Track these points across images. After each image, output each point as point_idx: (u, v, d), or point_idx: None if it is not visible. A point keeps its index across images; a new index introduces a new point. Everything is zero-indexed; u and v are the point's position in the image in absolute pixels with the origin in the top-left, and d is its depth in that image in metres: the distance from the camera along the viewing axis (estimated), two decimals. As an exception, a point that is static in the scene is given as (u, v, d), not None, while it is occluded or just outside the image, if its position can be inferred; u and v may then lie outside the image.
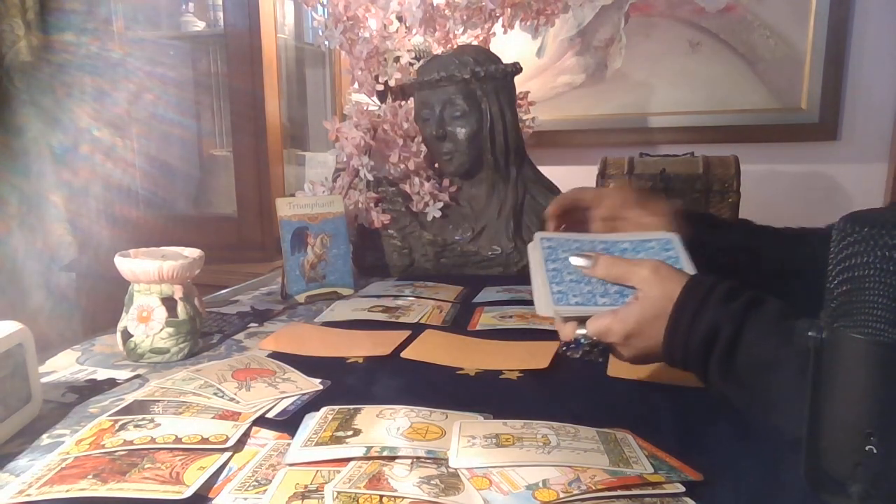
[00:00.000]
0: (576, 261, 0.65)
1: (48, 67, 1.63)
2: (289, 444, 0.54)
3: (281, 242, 1.08)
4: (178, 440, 0.54)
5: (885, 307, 0.38)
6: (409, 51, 1.33)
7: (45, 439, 0.57)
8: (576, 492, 0.45)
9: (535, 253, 0.69)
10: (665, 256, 0.65)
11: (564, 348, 0.65)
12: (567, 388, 0.69)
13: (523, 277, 1.20)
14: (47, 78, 1.62)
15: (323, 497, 0.46)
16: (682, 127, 1.81)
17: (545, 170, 1.32)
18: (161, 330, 0.76)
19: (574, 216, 0.77)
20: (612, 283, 0.63)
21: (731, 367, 0.55)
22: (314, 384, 0.68)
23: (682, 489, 0.47)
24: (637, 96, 1.85)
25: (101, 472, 0.49)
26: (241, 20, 1.80)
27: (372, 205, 1.22)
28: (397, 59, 1.31)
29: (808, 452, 0.43)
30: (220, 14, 1.91)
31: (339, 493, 0.46)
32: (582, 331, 0.62)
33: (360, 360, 0.77)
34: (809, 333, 0.42)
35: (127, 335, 0.77)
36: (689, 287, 0.58)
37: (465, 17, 1.31)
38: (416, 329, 0.87)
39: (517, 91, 1.32)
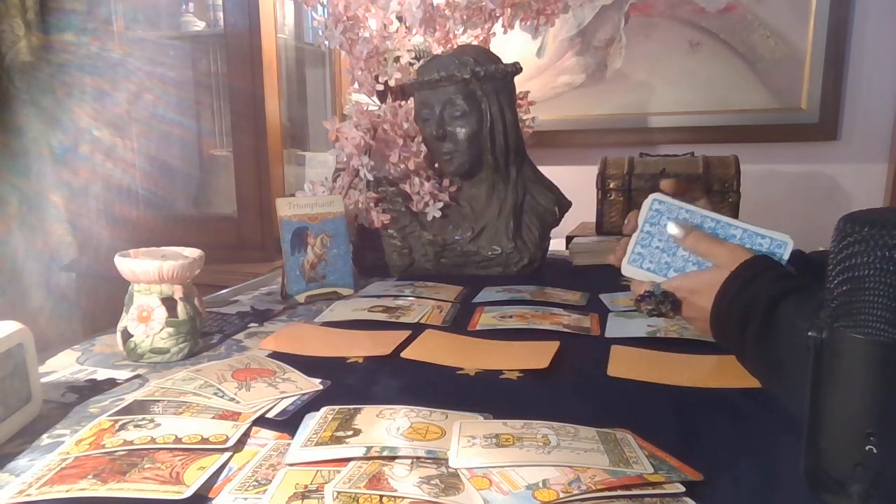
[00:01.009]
0: (672, 229, 0.69)
1: (48, 67, 1.62)
2: (289, 444, 0.54)
3: (281, 242, 1.08)
4: (178, 440, 0.54)
5: (885, 307, 0.38)
6: (409, 51, 1.33)
7: (45, 439, 0.57)
8: (576, 492, 0.45)
9: (641, 211, 0.72)
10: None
11: (638, 298, 0.71)
12: (567, 388, 0.69)
13: (523, 277, 1.21)
14: (47, 78, 1.62)
15: (323, 497, 0.46)
16: (682, 127, 1.81)
17: (545, 170, 1.32)
18: (161, 330, 0.76)
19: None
20: (697, 256, 0.67)
21: (764, 340, 0.58)
22: (314, 384, 0.68)
23: (682, 489, 0.47)
24: (637, 96, 1.85)
25: (101, 472, 0.49)
26: (241, 20, 1.80)
27: (372, 205, 1.22)
28: (397, 59, 1.31)
29: (807, 452, 0.43)
30: (220, 14, 1.91)
31: (339, 493, 0.46)
32: (655, 286, 0.69)
33: (360, 360, 0.77)
34: (809, 333, 0.42)
35: (127, 335, 0.77)
36: (747, 262, 0.62)
37: (465, 17, 1.31)
38: (416, 329, 0.87)
39: (517, 91, 1.32)
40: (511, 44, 1.79)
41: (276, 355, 0.78)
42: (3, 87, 1.55)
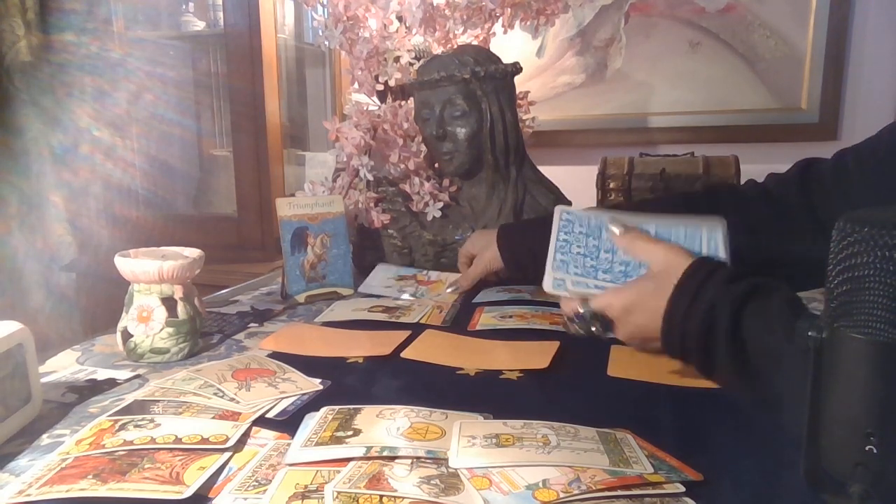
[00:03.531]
0: (613, 226, 0.66)
1: (48, 67, 1.62)
2: (289, 444, 0.54)
3: (281, 242, 1.08)
4: (178, 440, 0.54)
5: (885, 307, 0.38)
6: (409, 51, 1.33)
7: (45, 439, 0.57)
8: (576, 492, 0.45)
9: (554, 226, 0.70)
10: (706, 238, 0.64)
11: (567, 320, 0.68)
12: (567, 388, 0.69)
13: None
14: (47, 78, 1.62)
15: (323, 497, 0.46)
16: (682, 127, 1.81)
17: (545, 170, 1.32)
18: (161, 330, 0.76)
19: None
20: (629, 256, 0.64)
21: (734, 356, 0.56)
22: (314, 384, 0.68)
23: (682, 489, 0.47)
24: (637, 96, 1.84)
25: (101, 472, 0.49)
26: (241, 20, 1.80)
27: (372, 205, 1.22)
28: (397, 59, 1.31)
29: (807, 452, 0.43)
30: (220, 14, 1.91)
31: (339, 493, 0.46)
32: (585, 305, 0.65)
33: (360, 360, 0.77)
34: (809, 333, 0.42)
35: (127, 335, 0.77)
36: (689, 271, 0.59)
37: (465, 17, 1.31)
38: (416, 329, 0.87)
39: (517, 91, 1.32)
40: (511, 44, 1.79)
41: (276, 355, 0.78)
42: (3, 87, 1.55)
